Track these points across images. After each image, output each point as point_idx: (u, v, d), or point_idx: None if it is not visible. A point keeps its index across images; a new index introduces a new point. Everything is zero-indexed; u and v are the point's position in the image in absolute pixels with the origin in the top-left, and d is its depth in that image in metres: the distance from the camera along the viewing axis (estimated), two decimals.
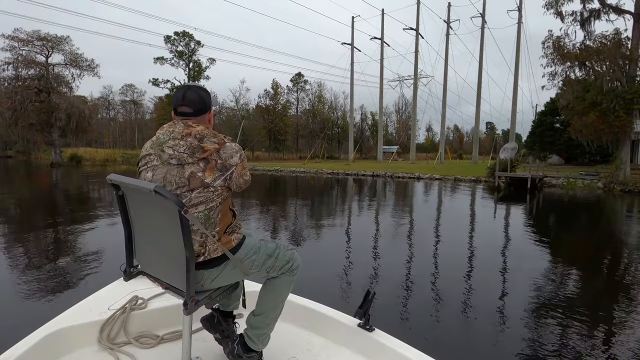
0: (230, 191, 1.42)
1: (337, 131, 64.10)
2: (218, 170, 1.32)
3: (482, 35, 42.28)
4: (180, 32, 47.42)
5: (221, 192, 1.35)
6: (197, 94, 1.40)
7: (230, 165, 1.35)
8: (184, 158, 1.29)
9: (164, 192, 1.17)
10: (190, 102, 1.38)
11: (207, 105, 1.42)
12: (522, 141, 43.95)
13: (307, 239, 7.36)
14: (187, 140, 1.30)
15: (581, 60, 18.50)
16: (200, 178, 1.29)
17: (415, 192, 17.42)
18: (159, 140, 1.34)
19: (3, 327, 3.19)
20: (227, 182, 1.35)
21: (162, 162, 1.31)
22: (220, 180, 1.33)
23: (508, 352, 3.13)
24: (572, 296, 4.48)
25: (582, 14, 19.12)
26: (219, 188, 1.33)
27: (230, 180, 1.36)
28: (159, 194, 1.16)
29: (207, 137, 1.32)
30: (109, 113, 71.24)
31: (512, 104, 40.76)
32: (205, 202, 1.31)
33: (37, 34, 34.60)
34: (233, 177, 1.36)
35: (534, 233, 8.29)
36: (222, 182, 1.34)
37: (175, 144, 1.30)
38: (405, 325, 3.58)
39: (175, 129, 1.33)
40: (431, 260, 5.94)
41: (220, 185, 1.33)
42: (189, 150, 1.29)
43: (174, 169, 1.29)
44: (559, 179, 20.06)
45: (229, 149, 1.35)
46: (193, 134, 1.31)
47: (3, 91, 34.38)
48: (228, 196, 1.40)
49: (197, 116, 1.39)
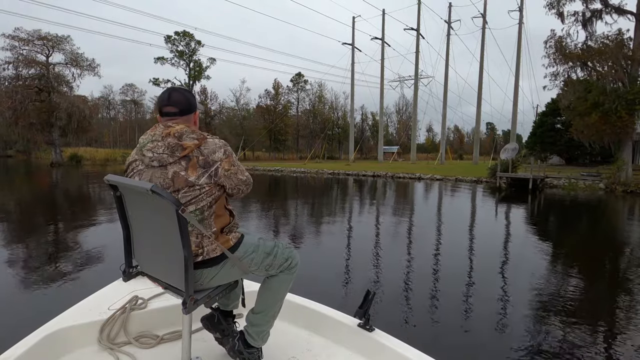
0: (223, 190, 1.39)
1: (338, 131, 64.11)
2: (201, 167, 1.28)
3: (483, 36, 42.32)
4: (181, 32, 47.44)
5: (210, 191, 1.32)
6: (183, 95, 1.39)
7: (214, 161, 1.31)
8: (164, 159, 1.27)
9: (160, 192, 1.17)
10: (175, 102, 1.36)
11: (193, 106, 1.40)
12: (522, 142, 43.90)
13: (307, 239, 7.32)
14: (166, 140, 1.27)
15: (583, 61, 18.45)
16: (184, 177, 1.26)
17: (417, 193, 17.38)
18: (140, 144, 1.33)
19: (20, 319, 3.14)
20: (213, 179, 1.31)
21: (146, 165, 1.31)
22: (205, 178, 1.29)
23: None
24: (581, 299, 4.43)
25: (584, 14, 19.06)
26: (205, 186, 1.30)
27: (217, 177, 1.32)
28: (156, 193, 1.15)
29: (185, 134, 1.29)
30: (109, 113, 71.22)
31: (513, 105, 40.78)
32: (195, 202, 1.29)
33: (37, 34, 34.62)
34: (220, 174, 1.32)
35: (540, 235, 8.25)
36: (208, 180, 1.30)
37: (154, 146, 1.29)
38: (407, 325, 3.55)
39: (156, 132, 1.32)
40: (433, 263, 5.90)
41: (206, 183, 1.30)
42: (168, 150, 1.27)
43: (157, 171, 1.28)
44: (561, 180, 20.01)
45: (211, 144, 1.32)
46: (172, 133, 1.28)
47: (3, 90, 34.39)
48: (221, 195, 1.38)
49: (182, 116, 1.36)
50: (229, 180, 1.36)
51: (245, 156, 51.85)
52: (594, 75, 18.64)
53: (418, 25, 43.57)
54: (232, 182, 1.38)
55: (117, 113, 72.66)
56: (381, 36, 46.08)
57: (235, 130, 54.15)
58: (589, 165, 28.78)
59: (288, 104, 58.85)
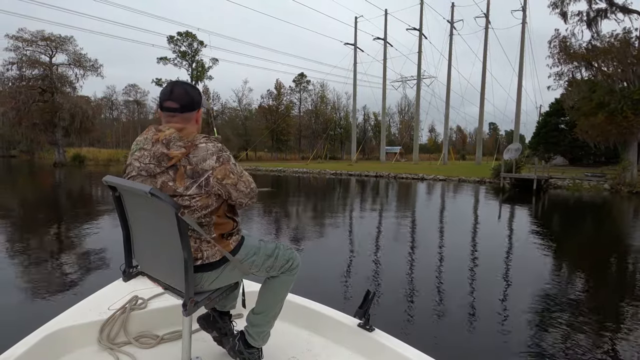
0: (223, 200, 1.30)
1: (340, 132, 64.07)
2: (189, 177, 1.20)
3: (486, 36, 42.16)
4: (184, 32, 47.56)
5: (204, 203, 1.24)
6: (185, 90, 1.31)
7: (204, 170, 1.21)
8: (152, 169, 1.22)
9: (159, 195, 1.14)
10: (177, 97, 1.28)
11: (196, 103, 1.32)
12: (525, 142, 43.71)
13: (310, 240, 7.27)
14: (153, 149, 1.22)
15: (588, 61, 18.31)
16: (172, 187, 1.21)
17: (419, 193, 17.30)
18: (132, 150, 1.30)
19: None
20: (204, 189, 1.22)
21: (137, 173, 1.27)
22: (195, 188, 1.21)
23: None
24: (590, 302, 4.35)
25: (589, 14, 18.93)
26: (196, 196, 1.22)
27: (208, 187, 1.22)
28: (155, 196, 1.13)
29: (173, 141, 1.21)
30: (112, 113, 71.48)
31: (516, 105, 40.57)
32: (188, 212, 1.22)
33: (41, 34, 34.76)
34: (212, 184, 1.23)
35: (547, 236, 8.14)
36: (198, 190, 1.22)
37: (141, 155, 1.24)
38: (407, 325, 3.50)
39: (147, 136, 1.26)
40: (437, 264, 5.84)
41: (197, 194, 1.22)
42: (155, 160, 1.21)
43: (147, 180, 1.24)
44: (565, 181, 19.87)
45: (202, 150, 1.21)
46: (160, 139, 1.21)
47: (7, 91, 34.53)
48: (220, 206, 1.29)
49: (182, 112, 1.28)
50: (224, 190, 1.27)
51: (248, 156, 51.94)
52: (599, 75, 18.50)
53: (420, 25, 43.52)
54: (230, 193, 1.28)
55: (120, 113, 72.98)
56: (383, 36, 46.05)
57: (237, 130, 54.22)
58: (593, 166, 28.60)
59: (290, 105, 58.89)
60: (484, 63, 42.10)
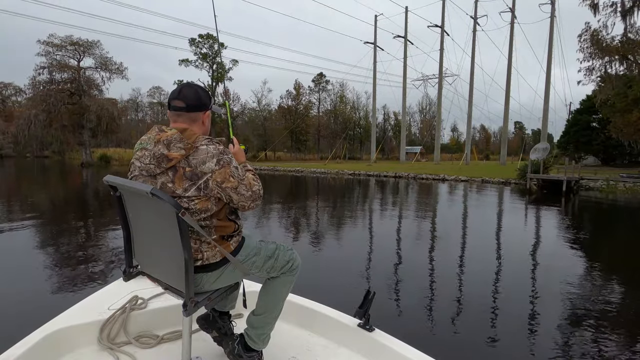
0: (225, 204, 1.30)
1: (359, 131, 63.70)
2: (187, 179, 1.20)
3: (512, 31, 40.75)
4: (205, 34, 48.52)
5: (204, 206, 1.23)
6: (194, 90, 1.32)
7: (203, 173, 1.21)
8: (152, 169, 1.23)
9: (160, 195, 1.15)
10: (184, 96, 1.29)
11: (204, 104, 1.32)
12: (553, 141, 42.02)
13: (327, 240, 7.14)
14: (154, 149, 1.22)
15: (623, 54, 17.29)
16: (171, 189, 1.21)
17: (441, 195, 16.82)
18: (135, 149, 1.31)
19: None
20: (203, 192, 1.21)
21: (139, 173, 1.28)
22: (194, 190, 1.20)
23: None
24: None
25: (624, 4, 17.83)
26: (195, 199, 1.21)
27: (207, 190, 1.22)
28: (156, 196, 1.14)
29: (174, 143, 1.21)
30: (137, 115, 73.90)
31: (544, 102, 38.93)
32: (189, 214, 1.22)
33: (69, 39, 36.40)
34: (211, 187, 1.22)
35: (584, 244, 7.46)
36: (197, 192, 1.21)
37: (141, 155, 1.26)
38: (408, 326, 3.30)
39: (150, 135, 1.27)
40: (459, 277, 5.56)
41: (196, 196, 1.21)
42: (155, 160, 1.22)
43: (148, 180, 1.26)
44: (597, 182, 18.83)
45: (202, 153, 1.21)
46: (162, 139, 1.22)
47: (39, 94, 36.26)
48: (220, 209, 1.29)
49: (189, 112, 1.29)
50: (225, 194, 1.26)
51: (267, 156, 52.37)
52: (635, 70, 17.43)
53: (442, 21, 42.66)
54: (231, 197, 1.27)
55: (144, 115, 75.33)
56: (404, 34, 45.41)
57: (257, 131, 54.82)
58: (628, 167, 27.06)
59: (309, 104, 59.03)
60: (509, 59, 40.72)
